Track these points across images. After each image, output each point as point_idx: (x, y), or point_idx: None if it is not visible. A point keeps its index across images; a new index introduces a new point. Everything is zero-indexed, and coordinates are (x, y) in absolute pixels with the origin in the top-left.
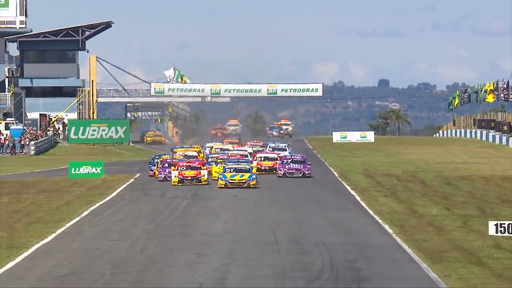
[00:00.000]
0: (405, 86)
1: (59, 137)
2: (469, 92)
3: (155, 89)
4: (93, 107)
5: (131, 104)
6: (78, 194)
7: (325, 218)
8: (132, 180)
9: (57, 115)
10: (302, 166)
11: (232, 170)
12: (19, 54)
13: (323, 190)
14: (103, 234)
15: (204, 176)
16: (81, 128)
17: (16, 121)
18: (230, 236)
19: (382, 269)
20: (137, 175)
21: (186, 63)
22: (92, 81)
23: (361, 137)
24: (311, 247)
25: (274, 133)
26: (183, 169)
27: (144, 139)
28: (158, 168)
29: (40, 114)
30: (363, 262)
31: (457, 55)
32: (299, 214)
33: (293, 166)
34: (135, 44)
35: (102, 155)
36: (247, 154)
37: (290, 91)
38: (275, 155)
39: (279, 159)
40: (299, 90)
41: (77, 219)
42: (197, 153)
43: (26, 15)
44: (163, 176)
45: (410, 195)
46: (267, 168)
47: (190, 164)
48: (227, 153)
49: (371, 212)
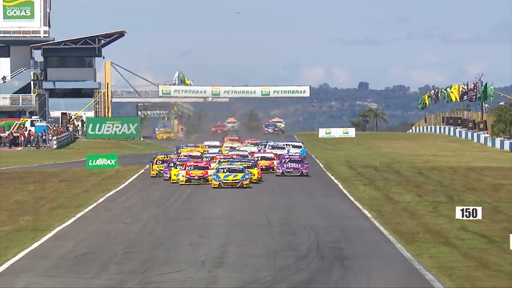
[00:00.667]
0: (382, 88)
1: (78, 133)
2: (440, 94)
3: (162, 90)
4: (108, 107)
5: (142, 104)
6: (94, 183)
7: (312, 204)
8: (142, 170)
9: (76, 114)
10: (300, 165)
11: (225, 170)
12: (43, 60)
13: (311, 179)
14: (116, 218)
15: (211, 176)
16: (98, 125)
17: (40, 119)
18: (228, 220)
19: (362, 248)
20: (147, 166)
21: (189, 68)
22: (107, 83)
23: (344, 133)
24: (300, 230)
25: (269, 130)
26: (190, 168)
27: (156, 136)
28: (164, 168)
29: (61, 112)
30: (345, 242)
31: (428, 61)
32: (289, 200)
33: (291, 165)
34: (145, 51)
35: (116, 149)
36: (246, 154)
37: (281, 93)
38: (271, 155)
39: (276, 159)
40: (289, 91)
41: (94, 205)
42: (201, 153)
43: (49, 26)
44: (169, 175)
45: (386, 184)
46: (264, 167)
47: (197, 164)
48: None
49: (352, 198)
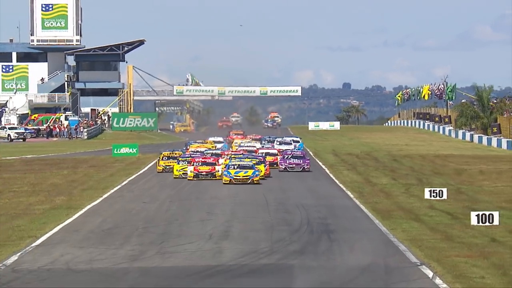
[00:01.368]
0: (362, 87)
1: (105, 126)
2: (411, 93)
3: (176, 90)
4: (130, 104)
5: (159, 101)
6: (119, 168)
7: (303, 186)
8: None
9: (103, 109)
10: (302, 161)
11: (236, 166)
12: (75, 64)
13: None
14: (137, 198)
15: (218, 171)
16: (121, 119)
17: (73, 114)
18: (232, 199)
19: (345, 224)
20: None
21: (199, 70)
22: (129, 84)
23: (330, 126)
24: (293, 208)
25: (269, 124)
26: (198, 164)
27: (175, 129)
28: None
29: (91, 108)
30: (331, 218)
31: (401, 65)
32: (284, 183)
33: (293, 161)
34: (161, 56)
35: (137, 139)
36: (253, 150)
37: (277, 92)
38: (275, 151)
39: (280, 154)
40: (284, 91)
41: (118, 187)
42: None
43: (80, 35)
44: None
45: (366, 169)
46: (268, 162)
47: (205, 160)
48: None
49: (337, 181)
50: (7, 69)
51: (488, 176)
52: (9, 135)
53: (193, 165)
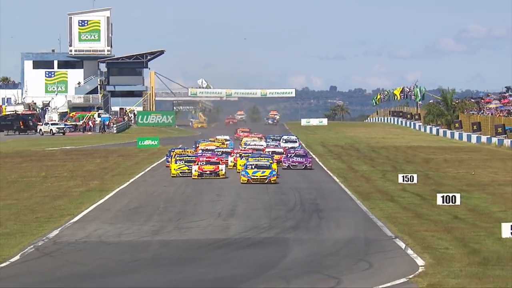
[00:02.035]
0: (346, 90)
1: (131, 122)
2: (387, 95)
3: (191, 92)
4: (152, 103)
5: (176, 101)
6: (143, 157)
7: (297, 172)
8: (177, 148)
9: (130, 108)
10: (304, 159)
11: (253, 166)
12: (106, 70)
13: None
14: (158, 182)
15: (222, 170)
16: (145, 116)
17: (104, 112)
18: (237, 184)
19: (332, 204)
20: (180, 145)
21: (210, 76)
22: (151, 87)
23: (319, 122)
24: (288, 190)
25: (269, 121)
26: (202, 163)
27: (193, 125)
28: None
29: (119, 107)
30: (320, 199)
31: (378, 71)
32: (281, 170)
33: (296, 159)
34: (178, 63)
35: (158, 133)
36: (261, 149)
37: (274, 94)
38: (281, 150)
39: (284, 153)
40: (280, 93)
41: (142, 173)
42: (216, 148)
43: (111, 46)
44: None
45: (349, 158)
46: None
47: (209, 159)
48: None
49: (325, 168)
50: (50, 74)
51: (451, 164)
52: (51, 129)
53: (197, 165)
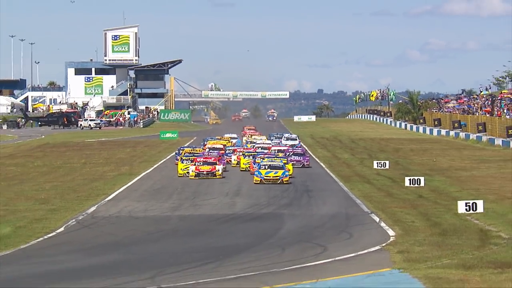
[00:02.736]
0: (331, 92)
1: (155, 118)
2: (364, 96)
3: (204, 94)
4: (172, 103)
5: (192, 101)
6: (165, 147)
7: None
8: (192, 140)
9: (154, 107)
10: (302, 158)
11: (266, 167)
12: (135, 76)
13: None
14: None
15: (218, 171)
16: (166, 114)
17: (133, 110)
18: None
19: (319, 185)
20: (195, 137)
21: (219, 80)
22: (171, 90)
23: (309, 119)
24: None
25: (269, 119)
26: (200, 164)
27: (208, 122)
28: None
29: (145, 106)
30: (310, 182)
31: (357, 77)
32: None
33: (294, 158)
34: (194, 70)
35: (177, 127)
36: (267, 147)
37: (272, 95)
38: (285, 148)
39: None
40: (277, 94)
41: (164, 160)
42: (223, 146)
43: (138, 56)
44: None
45: (333, 148)
46: None
47: (206, 159)
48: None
49: (314, 156)
50: (88, 79)
51: (416, 152)
52: (89, 125)
53: (195, 165)
